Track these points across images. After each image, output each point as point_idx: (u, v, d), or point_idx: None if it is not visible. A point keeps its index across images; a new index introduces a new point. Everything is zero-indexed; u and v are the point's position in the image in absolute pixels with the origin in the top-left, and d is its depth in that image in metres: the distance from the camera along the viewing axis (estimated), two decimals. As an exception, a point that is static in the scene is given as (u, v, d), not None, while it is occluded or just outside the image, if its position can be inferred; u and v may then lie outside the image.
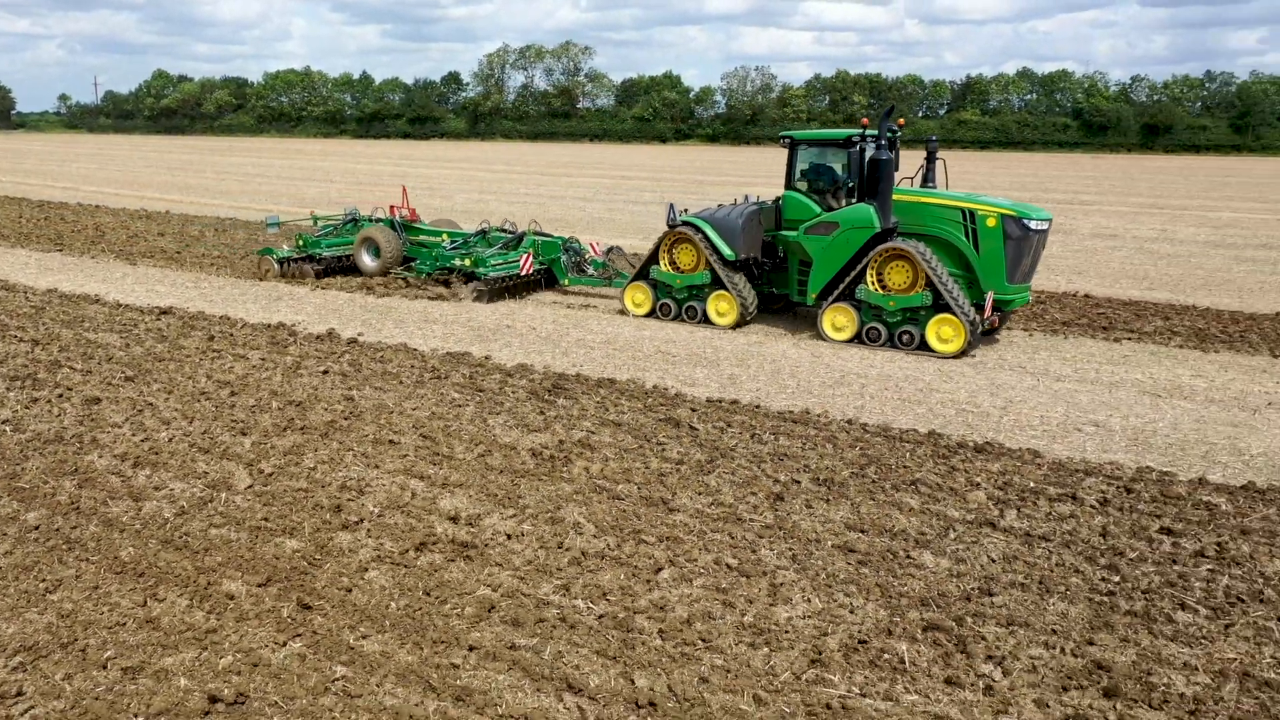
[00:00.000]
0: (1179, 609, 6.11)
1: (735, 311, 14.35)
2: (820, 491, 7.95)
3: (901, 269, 12.96)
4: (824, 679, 5.30)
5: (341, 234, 18.98)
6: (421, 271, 17.25)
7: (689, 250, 14.54)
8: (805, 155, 14.35)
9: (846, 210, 13.51)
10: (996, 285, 12.86)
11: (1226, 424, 10.10)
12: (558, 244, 17.08)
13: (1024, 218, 12.69)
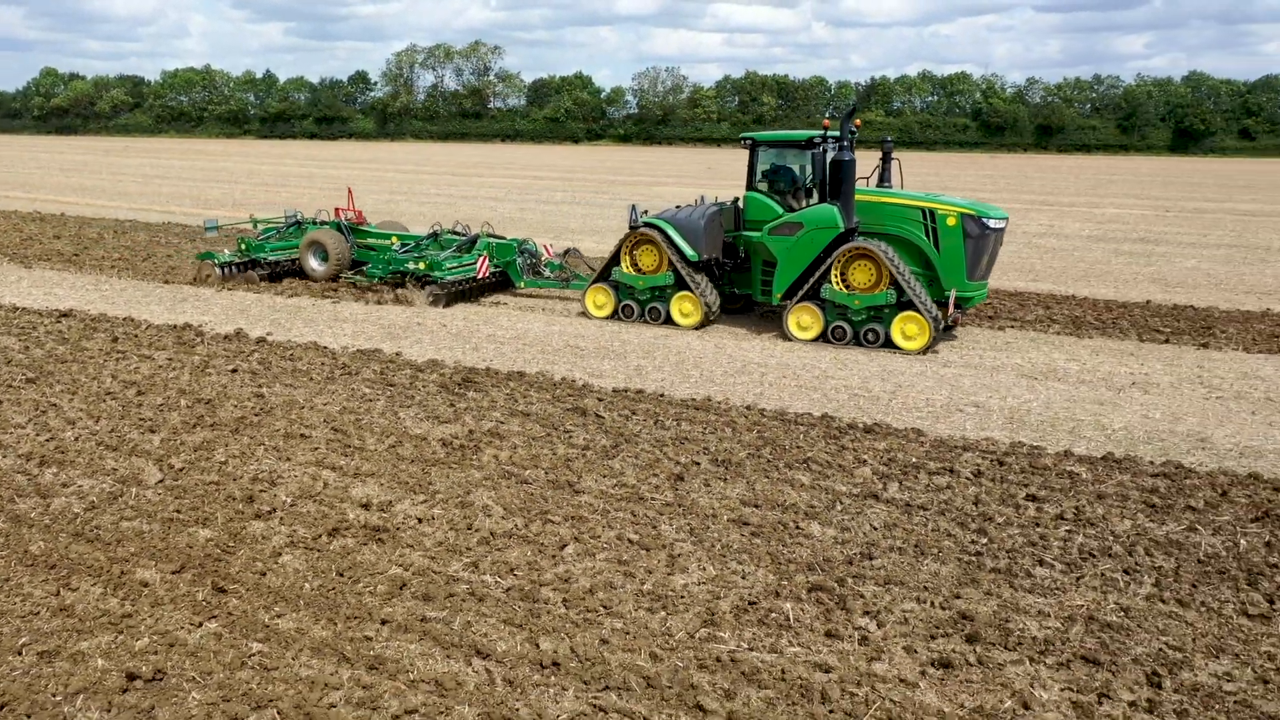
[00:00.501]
0: (1038, 565, 6.72)
1: (700, 312, 14.36)
2: (718, 471, 8.40)
3: (865, 268, 13.15)
4: (715, 637, 5.73)
5: (285, 237, 18.40)
6: (374, 275, 16.82)
7: (651, 251, 14.52)
8: (766, 156, 14.41)
9: (810, 210, 13.58)
10: (957, 283, 13.11)
11: (1093, 402, 10.91)
12: (513, 246, 16.79)
13: (983, 216, 13.02)
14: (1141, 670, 5.42)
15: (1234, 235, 28.21)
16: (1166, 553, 6.92)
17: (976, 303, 13.89)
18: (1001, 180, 54.77)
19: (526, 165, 64.51)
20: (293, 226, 18.67)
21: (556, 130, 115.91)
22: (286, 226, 18.76)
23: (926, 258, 13.29)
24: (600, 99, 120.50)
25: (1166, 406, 10.76)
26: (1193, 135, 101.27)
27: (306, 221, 18.75)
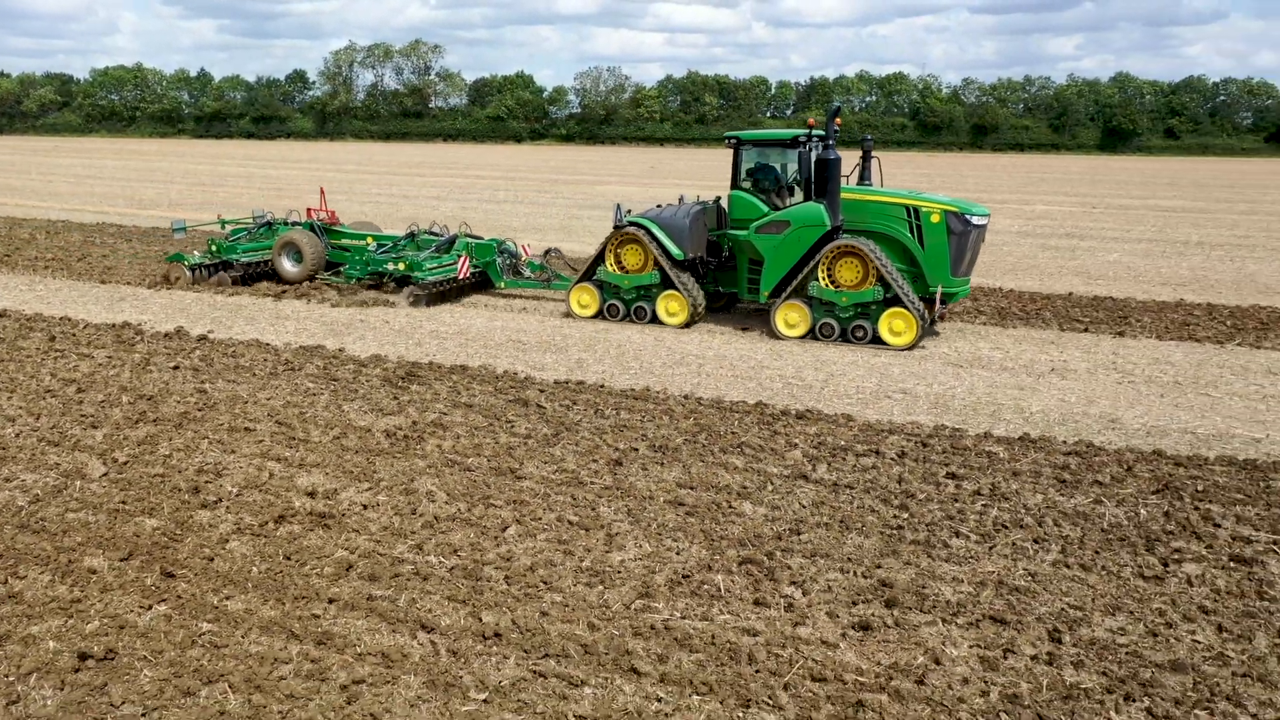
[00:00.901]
0: (954, 536, 7.14)
1: (686, 311, 14.37)
2: (656, 456, 8.72)
3: (852, 265, 13.30)
4: (650, 607, 6.03)
5: (256, 238, 17.98)
6: (351, 277, 16.60)
7: (636, 251, 14.52)
8: (751, 155, 14.49)
9: (797, 209, 13.69)
10: (942, 279, 13.25)
11: (1014, 388, 11.44)
12: (492, 246, 16.63)
13: (966, 213, 13.20)
14: (1044, 627, 5.84)
15: (1155, 230, 29.33)
16: (1073, 523, 7.39)
17: (960, 298, 14.02)
18: (938, 179, 55.95)
19: (469, 165, 64.33)
20: (263, 227, 18.24)
21: (499, 130, 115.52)
22: (257, 227, 18.24)
23: (911, 255, 13.41)
24: (542, 98, 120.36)
25: (1082, 390, 11.33)
26: (1121, 135, 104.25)
27: (278, 222, 18.35)
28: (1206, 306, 16.45)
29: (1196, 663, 5.49)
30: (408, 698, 5.06)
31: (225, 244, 17.62)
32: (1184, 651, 5.60)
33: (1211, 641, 5.73)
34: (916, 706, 5.04)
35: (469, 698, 5.07)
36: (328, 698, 5.04)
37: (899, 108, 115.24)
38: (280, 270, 17.23)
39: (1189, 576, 6.54)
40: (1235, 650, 5.63)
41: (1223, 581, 6.48)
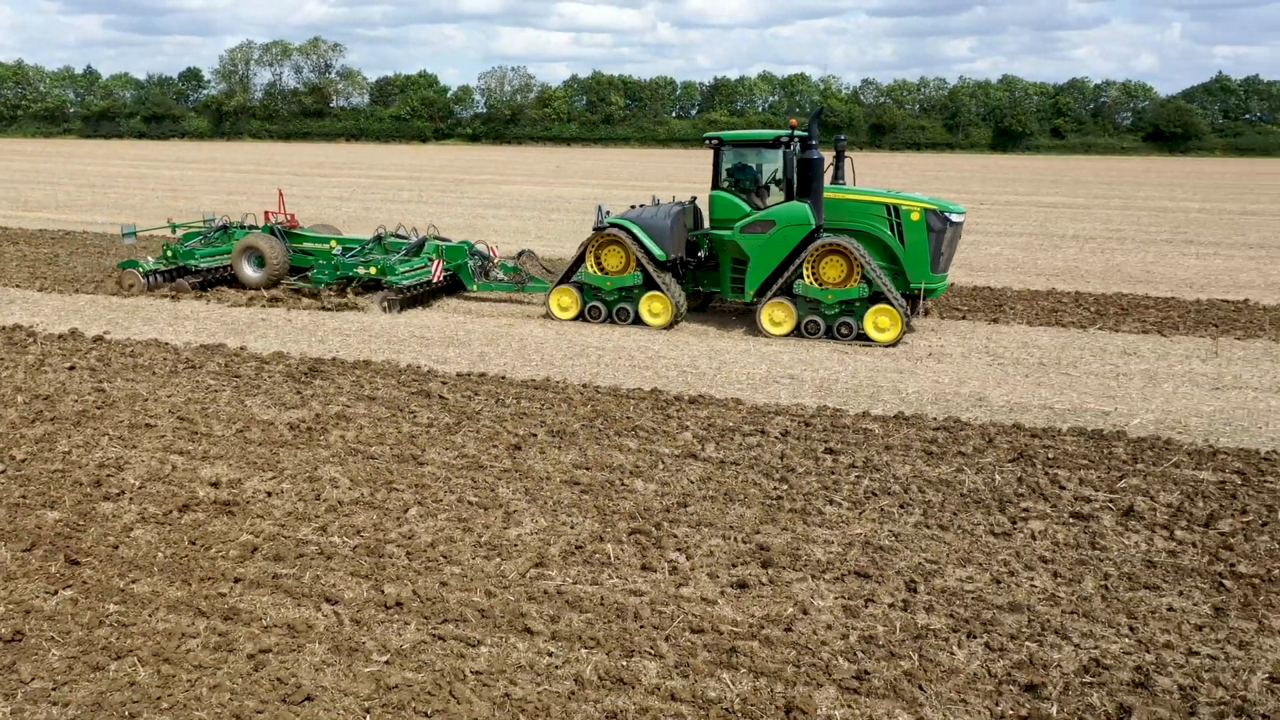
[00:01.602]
0: (828, 504, 7.74)
1: (670, 311, 14.42)
2: (553, 441, 9.14)
3: (836, 264, 13.55)
4: (544, 575, 6.45)
5: (212, 243, 17.50)
6: (320, 281, 16.19)
7: (617, 252, 14.49)
8: (733, 156, 14.66)
9: (782, 208, 13.89)
10: (922, 275, 13.70)
11: (894, 372, 12.19)
12: (463, 249, 16.52)
13: (945, 211, 13.64)
14: (902, 579, 6.45)
15: (1036, 225, 30.88)
16: (936, 489, 8.07)
17: (939, 294, 14.40)
18: (836, 177, 57.56)
19: (372, 165, 63.57)
20: (219, 231, 17.71)
21: (403, 129, 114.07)
22: (212, 231, 17.74)
23: (891, 252, 13.79)
24: (447, 98, 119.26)
25: (954, 373, 12.14)
26: (1010, 134, 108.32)
27: (233, 226, 17.91)
28: (1075, 295, 17.59)
29: (1032, 604, 6.16)
30: (313, 662, 5.38)
31: (181, 249, 17.06)
32: (1022, 595, 6.27)
33: (1047, 586, 6.41)
34: (784, 650, 5.57)
35: (372, 660, 5.41)
36: (236, 666, 5.33)
37: (801, 108, 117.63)
38: (241, 276, 16.67)
39: (1033, 532, 7.25)
40: (1066, 592, 6.32)
41: (1062, 535, 7.20)
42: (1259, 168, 74.97)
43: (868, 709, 5.05)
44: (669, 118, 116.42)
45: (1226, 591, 6.35)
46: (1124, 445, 9.22)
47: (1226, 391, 11.41)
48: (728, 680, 5.27)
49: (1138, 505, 7.74)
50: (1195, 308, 16.43)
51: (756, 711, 5.00)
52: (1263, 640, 5.75)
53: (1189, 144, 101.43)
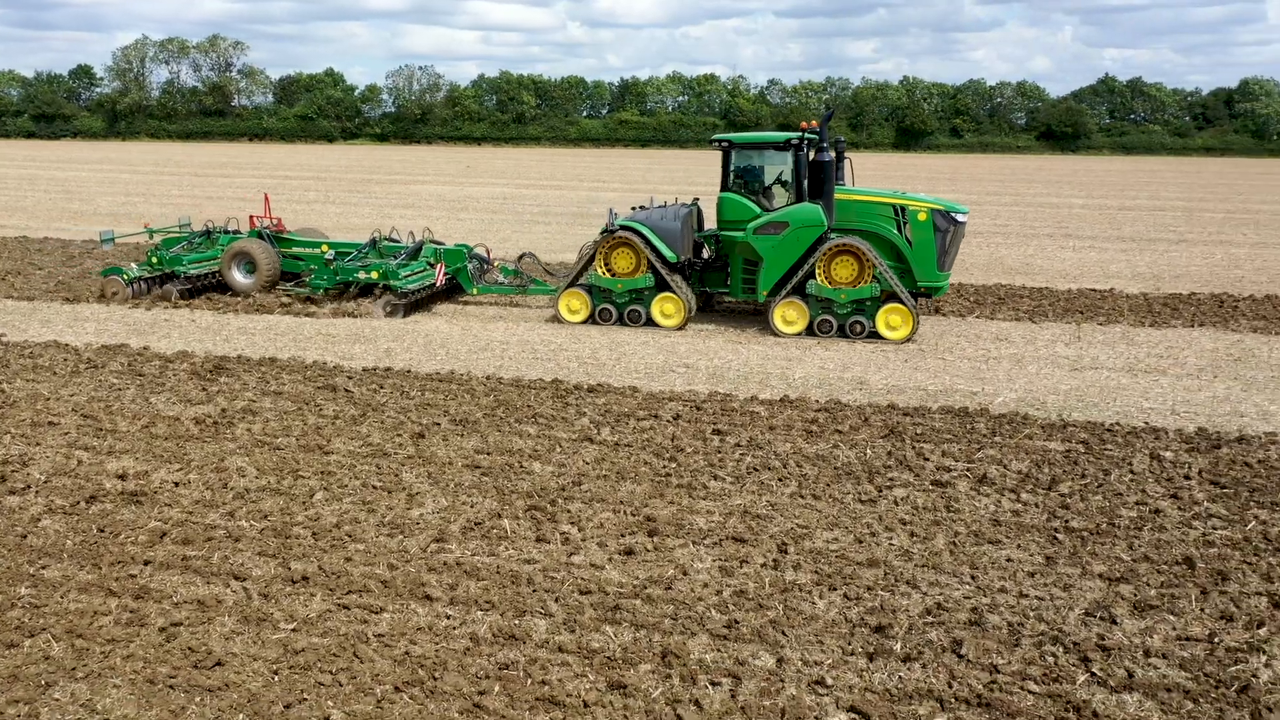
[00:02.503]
0: (713, 479, 8.34)
1: (682, 312, 14.57)
2: (456, 429, 9.56)
3: (847, 264, 13.88)
4: (445, 549, 6.90)
5: (195, 248, 17.12)
6: (318, 287, 15.91)
7: (627, 254, 14.59)
8: (742, 158, 14.89)
9: (795, 210, 14.09)
10: (929, 274, 14.10)
11: (783, 360, 12.90)
12: (462, 252, 16.44)
13: (951, 211, 14.04)
14: (774, 543, 7.07)
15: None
16: (813, 464, 8.74)
17: (942, 293, 14.81)
18: (743, 175, 58.74)
19: (277, 165, 62.48)
20: (203, 237, 17.37)
21: (309, 129, 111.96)
22: (196, 236, 17.37)
23: (899, 252, 14.14)
24: (354, 97, 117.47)
25: (839, 360, 12.91)
26: (912, 133, 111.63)
27: (217, 231, 17.56)
28: (957, 286, 18.63)
29: (888, 560, 6.83)
30: (223, 632, 5.73)
31: (167, 255, 16.63)
32: (880, 553, 6.95)
33: (903, 544, 7.11)
34: (663, 606, 6.13)
35: (279, 628, 5.79)
36: (148, 638, 5.65)
37: (710, 107, 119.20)
38: (231, 282, 16.41)
39: (896, 499, 7.96)
40: (919, 549, 7.02)
41: (921, 500, 7.93)
42: (1140, 165, 78.89)
43: (735, 652, 5.63)
44: (580, 117, 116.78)
45: (1059, 543, 7.13)
46: (985, 421, 10.05)
47: (1084, 371, 12.41)
48: (611, 633, 5.80)
49: (991, 473, 8.53)
50: (1065, 297, 17.60)
51: (636, 658, 5.54)
52: (1084, 583, 6.52)
53: (1078, 143, 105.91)
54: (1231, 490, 8.19)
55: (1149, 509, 7.77)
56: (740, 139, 14.99)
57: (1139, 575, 6.62)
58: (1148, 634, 5.86)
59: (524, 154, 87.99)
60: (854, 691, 5.25)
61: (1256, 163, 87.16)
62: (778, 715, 5.03)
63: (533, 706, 5.07)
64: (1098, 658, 5.57)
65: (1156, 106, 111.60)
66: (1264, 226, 30.90)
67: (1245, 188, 51.05)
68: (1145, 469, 8.68)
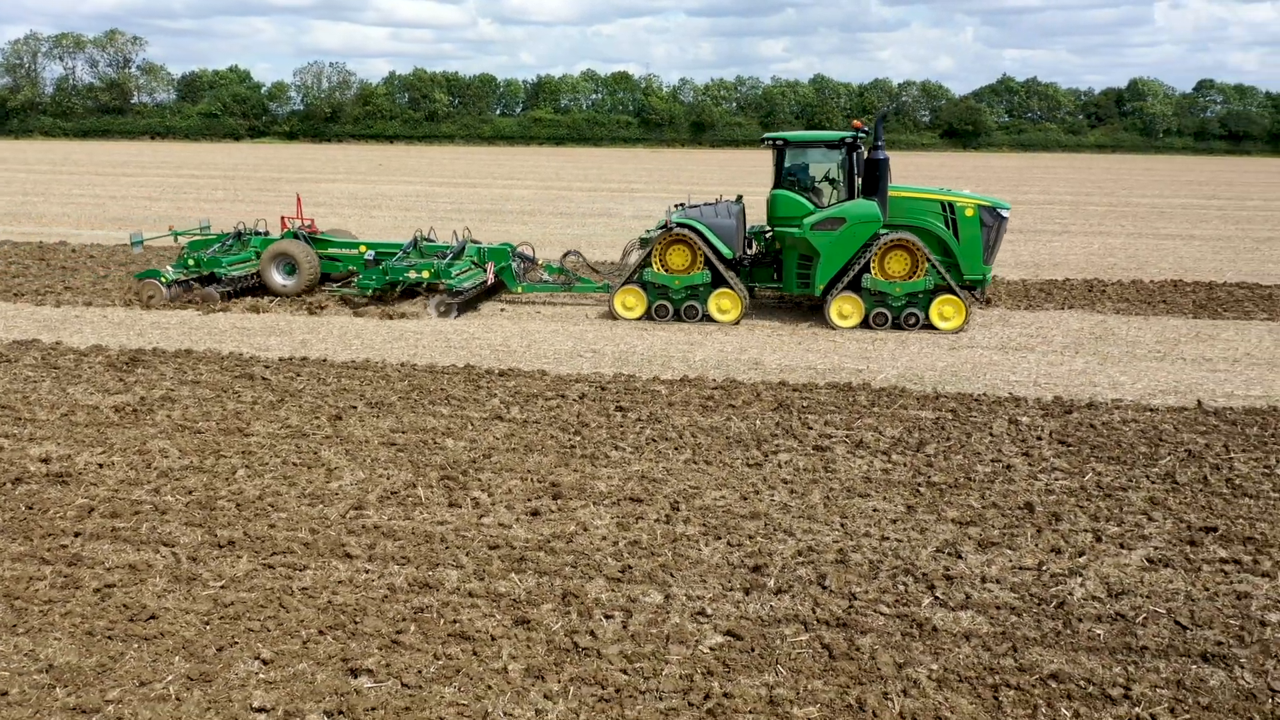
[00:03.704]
0: (614, 449, 9.02)
1: (739, 307, 14.94)
2: (373, 411, 10.06)
3: (900, 258, 14.39)
4: (363, 515, 7.44)
5: (228, 250, 16.83)
6: (367, 287, 15.71)
7: (682, 251, 14.91)
8: (795, 156, 15.30)
9: (851, 206, 14.56)
10: (974, 268, 14.63)
11: (685, 344, 13.67)
12: (506, 251, 16.48)
13: (996, 208, 14.66)
14: (668, 501, 7.79)
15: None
16: (707, 434, 9.48)
17: (987, 285, 15.35)
18: (657, 173, 59.65)
19: (182, 164, 61.22)
20: (235, 238, 17.06)
21: (214, 127, 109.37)
22: (230, 238, 17.05)
23: (946, 246, 14.62)
24: (261, 95, 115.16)
25: (737, 343, 13.74)
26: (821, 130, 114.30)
27: (248, 232, 17.28)
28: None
29: (769, 513, 7.60)
30: (155, 591, 6.19)
31: (205, 257, 16.36)
32: (762, 507, 7.71)
33: (784, 500, 7.89)
34: (565, 556, 6.78)
35: (209, 586, 6.28)
36: (84, 598, 6.08)
37: (624, 105, 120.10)
38: (271, 284, 16.25)
39: (780, 462, 8.75)
40: (797, 503, 7.81)
41: (803, 463, 8.73)
42: (1035, 162, 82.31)
43: (628, 591, 6.31)
44: (494, 115, 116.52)
45: (920, 495, 8.00)
46: (866, 394, 10.95)
47: (960, 350, 13.46)
48: (517, 580, 6.43)
49: (867, 438, 9.39)
50: (951, 283, 18.75)
51: (539, 599, 6.19)
52: (938, 527, 7.38)
53: (979, 140, 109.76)
54: (1075, 448, 9.20)
55: (1002, 465, 8.71)
56: (795, 138, 15.41)
57: (986, 519, 7.51)
58: (987, 565, 6.73)
59: (438, 152, 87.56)
60: (731, 619, 5.97)
61: (1143, 159, 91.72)
62: (663, 640, 5.73)
63: (445, 641, 5.68)
64: (942, 585, 6.41)
65: (1052, 105, 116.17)
66: (1140, 219, 32.94)
67: (1130, 183, 53.93)
68: (1003, 432, 9.66)
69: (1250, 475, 8.48)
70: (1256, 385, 11.67)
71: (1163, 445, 9.26)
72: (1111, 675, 5.40)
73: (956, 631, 5.86)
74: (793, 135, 15.37)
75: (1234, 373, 12.31)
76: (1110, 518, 7.55)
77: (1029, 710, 5.09)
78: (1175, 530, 7.33)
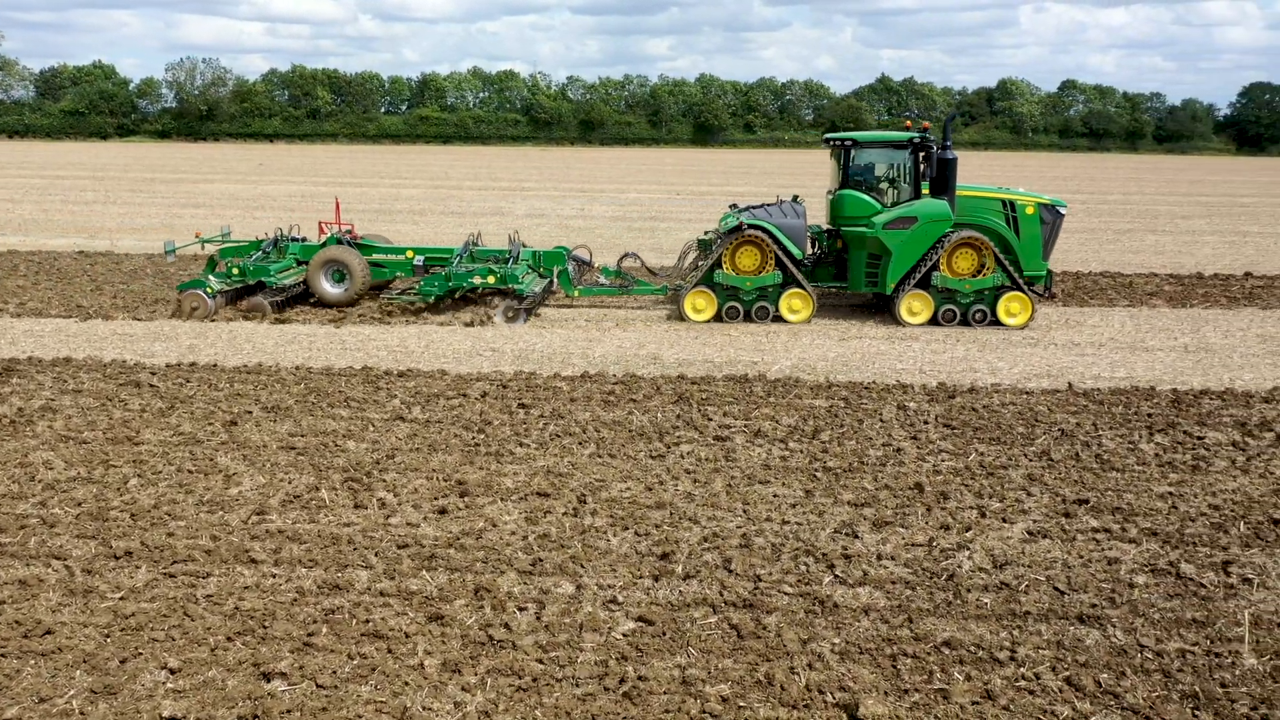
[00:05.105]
0: (519, 446, 9.08)
1: (810, 307, 15.10)
2: (269, 416, 9.86)
3: (968, 256, 14.68)
4: (266, 520, 7.32)
5: (271, 259, 15.87)
6: (429, 294, 15.03)
7: (751, 253, 14.97)
8: (862, 156, 15.53)
9: (922, 205, 14.81)
10: (1034, 265, 14.96)
11: (584, 340, 13.79)
12: (562, 254, 16.21)
13: (1055, 206, 15.06)
14: (575, 495, 7.90)
15: (723, 211, 34.04)
16: (610, 428, 9.63)
17: (1044, 281, 15.47)
18: (546, 171, 59.56)
19: (45, 164, 58.19)
20: (272, 245, 16.09)
21: (79, 125, 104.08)
22: (270, 245, 16.08)
23: (1007, 243, 14.91)
24: (130, 92, 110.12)
25: (636, 339, 13.93)
26: (709, 129, 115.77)
27: (285, 239, 16.25)
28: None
29: (674, 502, 7.80)
30: (50, 605, 5.99)
31: (252, 266, 15.35)
32: (667, 497, 7.90)
33: (688, 489, 8.09)
34: (475, 552, 6.83)
35: (106, 598, 6.10)
36: (-29, 617, 5.84)
37: (512, 104, 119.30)
38: (320, 292, 15.48)
39: (682, 453, 8.96)
40: (701, 492, 8.02)
41: (704, 453, 8.96)
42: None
43: (540, 583, 6.41)
44: (379, 114, 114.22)
45: (817, 480, 8.31)
46: (762, 385, 11.27)
47: (850, 341, 13.96)
48: (428, 577, 6.46)
49: (764, 427, 9.69)
50: (839, 277, 19.36)
51: (452, 595, 6.22)
52: (835, 509, 7.70)
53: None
54: (959, 430, 9.69)
55: (892, 448, 9.12)
56: (863, 138, 15.65)
57: (880, 500, 7.87)
58: (882, 543, 7.06)
59: (321, 151, 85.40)
60: (642, 605, 6.13)
61: (1014, 156, 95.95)
62: (577, 629, 5.85)
63: (359, 640, 5.67)
64: (841, 564, 6.71)
65: (928, 104, 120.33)
66: (1012, 212, 34.51)
67: (1003, 179, 56.30)
68: (893, 417, 10.09)
69: (1117, 450, 9.10)
70: (1121, 367, 12.48)
71: (1038, 425, 9.84)
72: (999, 640, 5.77)
73: (856, 606, 6.15)
74: (861, 135, 15.63)
75: (1100, 356, 13.12)
76: (993, 494, 8.01)
77: (925, 676, 5.40)
78: (1052, 503, 7.82)
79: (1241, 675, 5.42)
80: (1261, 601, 6.27)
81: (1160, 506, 7.79)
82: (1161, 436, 9.53)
